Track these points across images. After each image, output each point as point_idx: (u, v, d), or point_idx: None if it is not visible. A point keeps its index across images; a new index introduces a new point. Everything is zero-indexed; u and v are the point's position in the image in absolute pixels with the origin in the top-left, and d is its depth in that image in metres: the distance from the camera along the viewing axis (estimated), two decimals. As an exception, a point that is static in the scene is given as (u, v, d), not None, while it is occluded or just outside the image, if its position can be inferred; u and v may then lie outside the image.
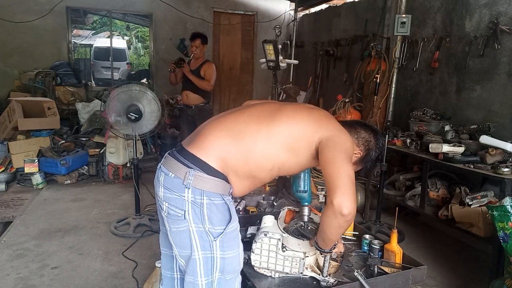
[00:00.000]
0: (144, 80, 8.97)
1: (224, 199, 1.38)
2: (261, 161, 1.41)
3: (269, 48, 4.23)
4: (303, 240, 1.58)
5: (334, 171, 1.27)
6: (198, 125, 1.58)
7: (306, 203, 1.66)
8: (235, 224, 1.41)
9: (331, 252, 1.45)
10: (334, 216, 1.24)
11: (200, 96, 4.42)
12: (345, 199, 1.21)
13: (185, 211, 1.35)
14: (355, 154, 1.53)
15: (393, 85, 4.37)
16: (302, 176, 1.64)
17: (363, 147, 1.54)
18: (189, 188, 1.34)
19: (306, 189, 1.64)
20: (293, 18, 6.53)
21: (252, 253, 1.54)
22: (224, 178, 1.38)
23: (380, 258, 1.67)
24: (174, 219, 1.38)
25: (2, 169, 4.39)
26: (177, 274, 1.61)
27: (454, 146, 2.99)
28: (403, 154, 3.57)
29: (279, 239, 1.51)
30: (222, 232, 1.37)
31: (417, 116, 3.95)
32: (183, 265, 1.43)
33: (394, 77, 4.35)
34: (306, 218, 1.66)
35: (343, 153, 1.33)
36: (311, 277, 1.53)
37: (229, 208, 1.40)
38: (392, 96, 4.41)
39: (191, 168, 1.35)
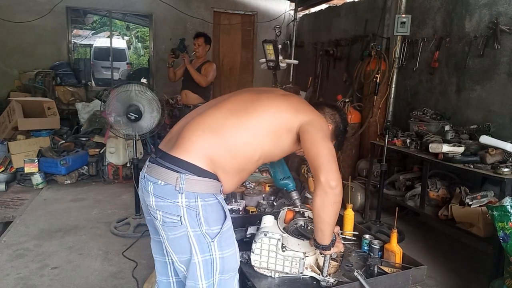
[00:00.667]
0: (143, 80, 8.97)
1: (217, 198, 1.39)
2: (247, 153, 1.42)
3: (269, 48, 4.23)
4: (303, 240, 1.58)
5: (316, 151, 1.35)
6: None
7: (292, 188, 1.70)
8: (229, 222, 1.43)
9: (330, 250, 1.45)
10: (324, 192, 1.30)
11: (199, 96, 4.43)
12: (330, 173, 1.30)
13: (180, 216, 1.34)
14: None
15: (393, 85, 4.37)
16: (277, 165, 1.71)
17: (331, 120, 1.69)
18: (182, 193, 1.32)
19: (287, 175, 1.70)
20: (293, 18, 6.53)
21: (252, 253, 1.54)
22: (214, 177, 1.38)
23: (380, 258, 1.67)
24: (170, 226, 1.37)
25: (2, 169, 4.40)
26: (172, 279, 1.61)
27: (454, 146, 2.99)
28: (403, 154, 3.58)
29: (279, 239, 1.51)
30: (219, 232, 1.37)
31: (417, 116, 3.95)
32: (183, 270, 1.42)
33: (394, 77, 4.35)
34: (298, 202, 1.71)
35: (322, 134, 1.42)
36: (311, 277, 1.53)
37: (223, 206, 1.41)
38: (392, 96, 4.41)
39: (181, 172, 1.33)
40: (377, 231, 3.34)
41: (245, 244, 1.63)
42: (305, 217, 1.72)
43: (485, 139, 2.87)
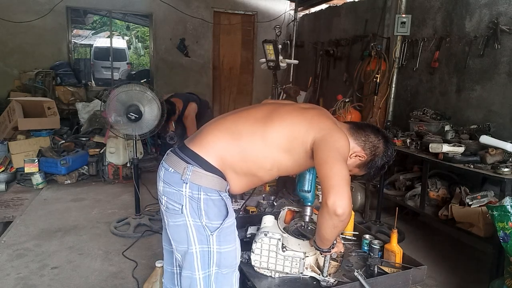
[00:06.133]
0: (144, 81, 8.98)
1: (221, 195, 1.42)
2: (259, 161, 1.44)
3: (269, 48, 4.23)
4: (303, 240, 1.58)
5: (327, 172, 1.26)
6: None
7: (309, 203, 1.66)
8: (232, 220, 1.45)
9: (330, 252, 1.46)
10: (329, 216, 1.24)
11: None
12: (339, 199, 1.21)
13: (182, 205, 1.39)
14: (360, 157, 1.50)
15: (393, 85, 4.37)
16: (307, 176, 1.63)
17: (369, 151, 1.49)
18: (187, 183, 1.38)
19: (309, 189, 1.64)
20: (293, 18, 6.53)
21: (252, 253, 1.54)
22: (221, 175, 1.42)
23: (380, 258, 1.67)
24: (172, 213, 1.43)
25: (2, 169, 4.39)
26: (176, 269, 1.65)
27: (454, 146, 2.99)
28: (403, 154, 3.58)
29: (279, 239, 1.51)
30: (219, 227, 1.40)
31: (417, 116, 3.95)
32: (179, 259, 1.47)
33: (394, 77, 4.35)
34: (307, 218, 1.66)
35: (335, 152, 1.32)
36: (311, 277, 1.53)
37: (226, 203, 1.43)
38: (392, 96, 4.41)
39: (190, 164, 1.39)
40: (377, 231, 3.34)
41: (245, 244, 1.63)
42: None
43: (485, 139, 2.87)
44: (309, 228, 1.66)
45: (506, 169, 2.56)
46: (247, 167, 1.44)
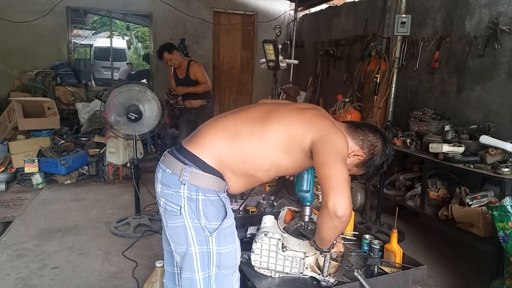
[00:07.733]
0: (144, 81, 8.98)
1: (219, 196, 1.41)
2: (257, 162, 1.43)
3: (269, 48, 4.23)
4: (303, 240, 1.58)
5: (326, 173, 1.25)
6: (200, 123, 1.61)
7: (308, 203, 1.66)
8: (230, 220, 1.44)
9: (330, 252, 1.46)
10: (329, 218, 1.24)
11: (202, 99, 4.55)
12: (339, 201, 1.20)
13: (181, 206, 1.39)
14: (358, 157, 1.49)
15: (393, 85, 4.37)
16: (305, 176, 1.63)
17: (367, 150, 1.49)
18: (184, 184, 1.37)
19: (308, 189, 1.63)
20: (293, 18, 6.54)
21: (252, 253, 1.54)
22: (220, 175, 1.41)
23: (380, 258, 1.67)
24: (170, 214, 1.42)
25: (2, 169, 4.39)
26: (177, 270, 1.64)
27: (454, 146, 2.99)
28: (403, 154, 3.58)
29: (279, 239, 1.51)
30: (218, 228, 1.40)
31: (417, 116, 3.95)
32: (179, 261, 1.46)
33: (394, 77, 4.35)
34: (307, 218, 1.66)
35: (334, 153, 1.31)
36: (311, 277, 1.53)
37: (225, 204, 1.43)
38: (392, 96, 4.41)
39: (187, 165, 1.39)
40: (377, 231, 3.34)
41: (245, 244, 1.63)
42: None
43: (485, 139, 2.87)
44: (309, 228, 1.66)
45: (506, 169, 2.56)
46: (245, 167, 1.43)
